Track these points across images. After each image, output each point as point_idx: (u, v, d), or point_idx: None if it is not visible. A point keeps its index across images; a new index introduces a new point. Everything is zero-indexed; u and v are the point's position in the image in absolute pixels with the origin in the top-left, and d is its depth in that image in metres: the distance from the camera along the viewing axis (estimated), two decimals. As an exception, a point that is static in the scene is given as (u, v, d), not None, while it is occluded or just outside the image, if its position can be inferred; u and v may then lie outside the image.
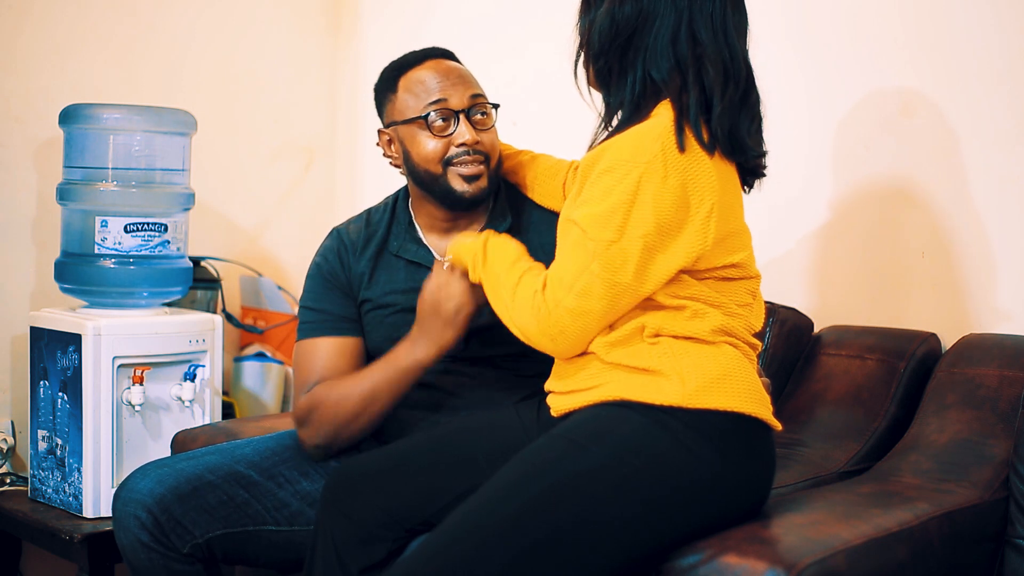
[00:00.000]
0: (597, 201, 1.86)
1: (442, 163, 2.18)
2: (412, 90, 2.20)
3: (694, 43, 1.89)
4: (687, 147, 1.85)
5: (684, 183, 1.85)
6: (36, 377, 2.85)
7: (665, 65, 1.90)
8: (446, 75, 2.20)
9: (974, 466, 2.16)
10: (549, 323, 1.89)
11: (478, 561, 1.77)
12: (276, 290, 3.42)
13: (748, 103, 1.93)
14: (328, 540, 1.99)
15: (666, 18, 1.89)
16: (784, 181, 2.70)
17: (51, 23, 3.15)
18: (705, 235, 1.87)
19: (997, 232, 2.44)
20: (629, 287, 1.86)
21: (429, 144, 2.18)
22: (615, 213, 1.84)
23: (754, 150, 1.94)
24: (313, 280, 2.30)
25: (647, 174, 1.83)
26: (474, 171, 2.18)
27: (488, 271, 2.01)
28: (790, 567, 1.73)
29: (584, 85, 2.00)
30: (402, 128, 2.21)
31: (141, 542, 2.10)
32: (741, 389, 1.88)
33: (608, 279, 1.85)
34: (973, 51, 2.46)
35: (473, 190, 2.19)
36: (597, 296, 1.86)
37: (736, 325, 1.94)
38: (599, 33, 1.93)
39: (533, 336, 1.92)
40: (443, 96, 2.18)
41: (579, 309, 1.87)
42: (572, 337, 1.90)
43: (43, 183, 3.11)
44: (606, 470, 1.82)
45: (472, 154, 2.17)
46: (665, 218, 1.84)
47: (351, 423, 2.16)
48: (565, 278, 1.88)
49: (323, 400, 2.18)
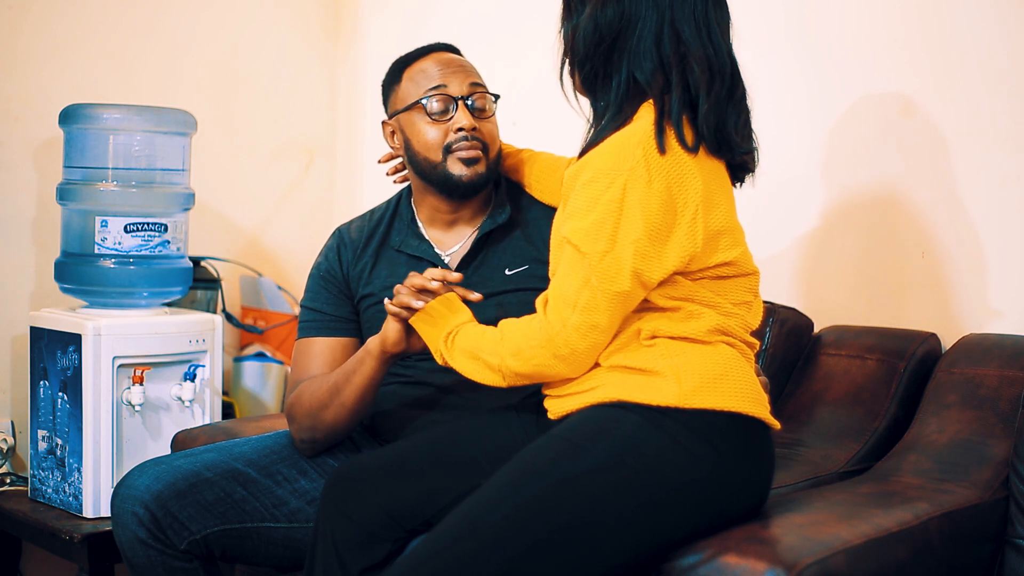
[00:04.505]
0: (584, 214, 1.87)
1: (442, 150, 2.19)
2: (414, 79, 2.24)
3: (678, 42, 1.89)
4: (668, 148, 1.86)
5: (668, 186, 1.85)
6: (36, 377, 2.85)
7: (648, 66, 1.90)
8: (447, 64, 2.23)
9: (974, 466, 2.16)
10: (559, 343, 1.88)
11: (476, 561, 1.77)
12: (276, 290, 3.42)
13: (734, 98, 1.93)
14: (328, 540, 1.99)
15: (648, 19, 1.90)
16: (785, 181, 2.70)
17: (51, 23, 3.15)
18: (694, 236, 1.87)
19: (997, 232, 2.44)
20: (629, 294, 1.87)
21: (429, 131, 2.20)
22: (604, 223, 1.85)
23: (742, 146, 1.94)
24: (312, 280, 2.34)
25: (631, 180, 1.84)
26: (472, 155, 2.19)
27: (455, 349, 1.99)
28: (790, 567, 1.73)
29: (571, 92, 2.01)
30: (403, 117, 2.24)
31: (139, 539, 2.11)
32: (738, 389, 1.88)
33: (608, 290, 1.85)
34: (973, 53, 2.46)
35: (471, 174, 2.20)
36: (602, 309, 1.86)
37: (732, 324, 1.93)
38: (583, 39, 1.93)
39: (543, 361, 1.90)
40: (442, 82, 2.21)
41: (586, 324, 1.87)
42: (583, 353, 1.89)
43: (43, 183, 3.11)
44: (604, 471, 1.82)
45: (471, 139, 2.19)
46: (654, 222, 1.85)
47: (322, 413, 2.18)
48: (567, 296, 1.88)
49: (301, 394, 2.22)
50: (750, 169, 2.00)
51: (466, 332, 2.00)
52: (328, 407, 2.17)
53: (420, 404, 2.23)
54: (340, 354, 2.27)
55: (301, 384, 2.24)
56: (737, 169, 1.98)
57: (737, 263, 1.94)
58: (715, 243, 1.90)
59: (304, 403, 2.20)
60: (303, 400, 2.21)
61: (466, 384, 2.21)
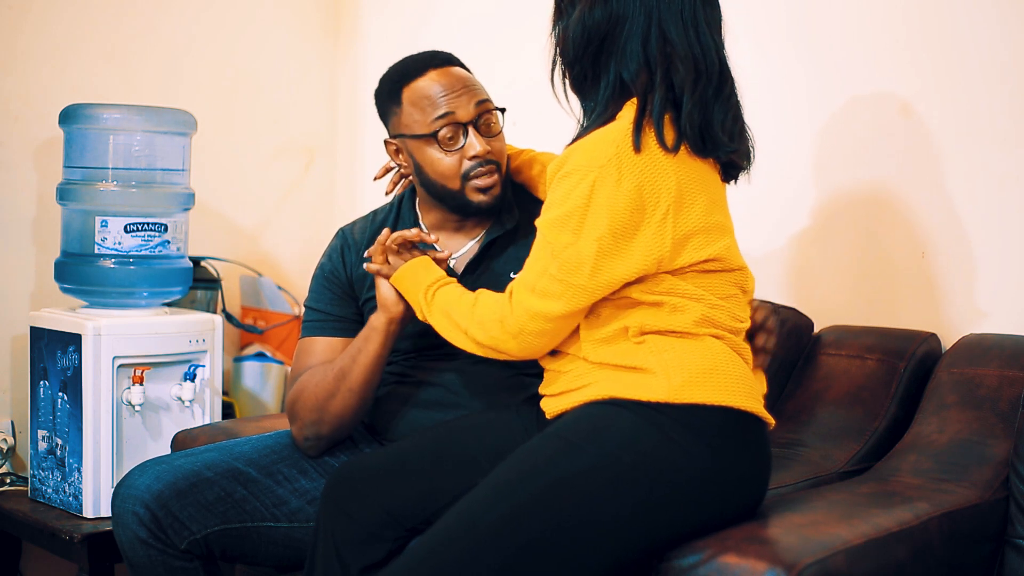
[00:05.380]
0: (557, 205, 1.89)
1: (460, 178, 2.18)
2: (418, 104, 2.19)
3: (664, 42, 1.90)
4: (644, 147, 1.86)
5: (640, 185, 1.85)
6: (36, 377, 2.85)
7: (634, 66, 1.90)
8: (451, 87, 2.18)
9: (974, 466, 2.17)
10: (510, 322, 1.93)
11: (473, 560, 1.77)
12: (276, 290, 3.42)
13: (722, 96, 1.93)
14: (329, 539, 1.99)
15: (636, 20, 1.90)
16: (785, 180, 2.70)
17: (51, 23, 3.15)
18: (662, 238, 1.87)
19: (997, 232, 2.44)
20: (585, 288, 1.88)
21: (444, 161, 2.18)
22: (571, 217, 1.87)
23: (729, 145, 1.93)
24: (316, 280, 2.34)
25: (600, 178, 1.85)
26: (489, 182, 2.19)
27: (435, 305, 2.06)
28: (790, 567, 1.73)
29: (562, 92, 2.01)
30: (411, 142, 2.21)
31: (139, 538, 2.11)
32: (729, 382, 1.88)
33: (564, 280, 1.88)
34: (973, 52, 2.46)
35: (489, 199, 2.20)
36: (555, 296, 1.89)
37: (719, 316, 1.93)
38: (572, 40, 1.94)
39: (497, 336, 1.95)
40: (450, 110, 2.17)
41: (537, 310, 1.90)
42: (532, 336, 1.93)
43: (43, 183, 3.11)
44: (599, 469, 1.82)
45: (486, 164, 2.18)
46: (619, 221, 1.85)
47: (328, 403, 2.18)
48: (528, 280, 1.93)
49: (303, 387, 2.21)
50: (742, 167, 2.00)
51: (446, 291, 2.06)
52: (335, 395, 2.17)
53: (420, 404, 2.23)
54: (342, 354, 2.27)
55: (301, 377, 2.23)
56: (728, 167, 1.99)
57: (722, 259, 1.94)
58: (695, 241, 1.90)
59: (308, 396, 2.20)
60: (306, 394, 2.20)
61: (466, 384, 2.22)
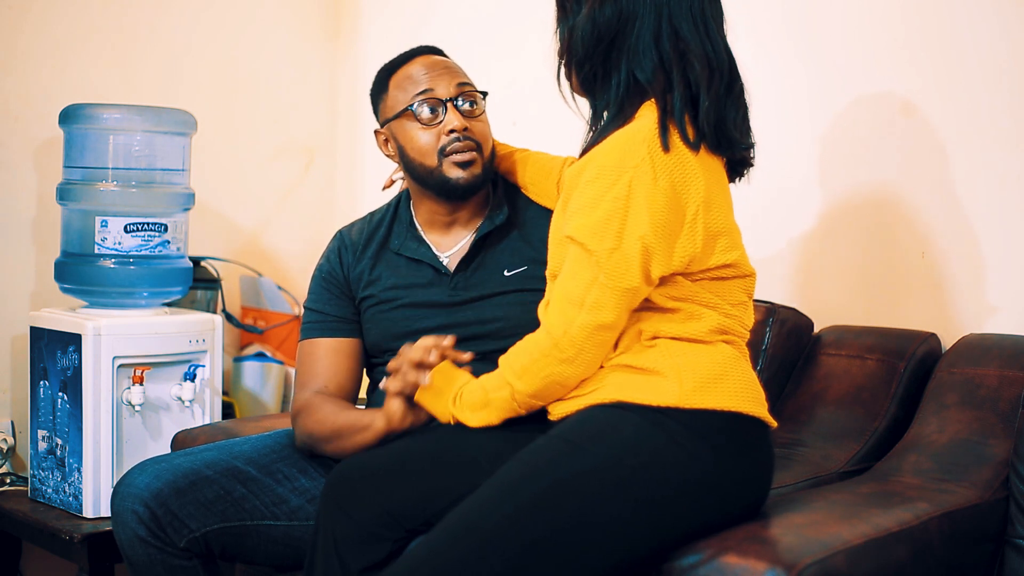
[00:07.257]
0: (588, 211, 1.86)
1: (437, 154, 2.20)
2: (400, 85, 2.24)
3: (676, 39, 1.89)
4: (672, 147, 1.86)
5: (673, 184, 1.85)
6: (36, 377, 2.85)
7: (649, 65, 1.90)
8: (432, 67, 2.24)
9: (974, 466, 2.16)
10: (564, 346, 1.88)
11: (476, 561, 1.77)
12: (276, 290, 3.42)
13: (733, 93, 1.93)
14: (329, 539, 1.99)
15: (646, 17, 1.89)
16: (785, 180, 2.70)
17: (51, 23, 3.15)
18: (694, 236, 1.87)
19: (997, 232, 2.44)
20: (637, 291, 1.87)
21: (421, 136, 2.20)
22: (611, 220, 1.84)
23: (742, 141, 1.94)
24: (315, 282, 2.35)
25: (636, 178, 1.84)
26: (467, 157, 2.19)
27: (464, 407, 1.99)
28: (790, 567, 1.73)
29: (568, 92, 2.00)
30: (394, 124, 2.24)
31: (138, 537, 2.11)
32: (738, 388, 1.89)
33: (616, 287, 1.85)
34: (973, 52, 2.46)
35: (468, 176, 2.20)
36: (610, 307, 1.86)
37: (732, 324, 1.94)
38: (581, 39, 1.93)
39: (552, 370, 1.89)
40: (429, 86, 2.21)
41: (593, 323, 1.87)
42: (590, 352, 1.89)
43: (43, 183, 3.11)
44: (603, 470, 1.82)
45: (463, 140, 2.19)
46: (659, 219, 1.85)
47: (322, 444, 2.20)
48: (573, 295, 1.88)
49: (310, 411, 2.21)
50: (750, 164, 2.00)
51: (469, 388, 2.00)
52: (328, 443, 2.19)
53: (420, 404, 2.23)
54: (343, 355, 2.28)
55: (312, 396, 2.23)
56: (736, 164, 1.99)
57: (736, 265, 1.94)
58: (713, 244, 1.90)
59: (309, 425, 2.21)
60: (309, 421, 2.21)
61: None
